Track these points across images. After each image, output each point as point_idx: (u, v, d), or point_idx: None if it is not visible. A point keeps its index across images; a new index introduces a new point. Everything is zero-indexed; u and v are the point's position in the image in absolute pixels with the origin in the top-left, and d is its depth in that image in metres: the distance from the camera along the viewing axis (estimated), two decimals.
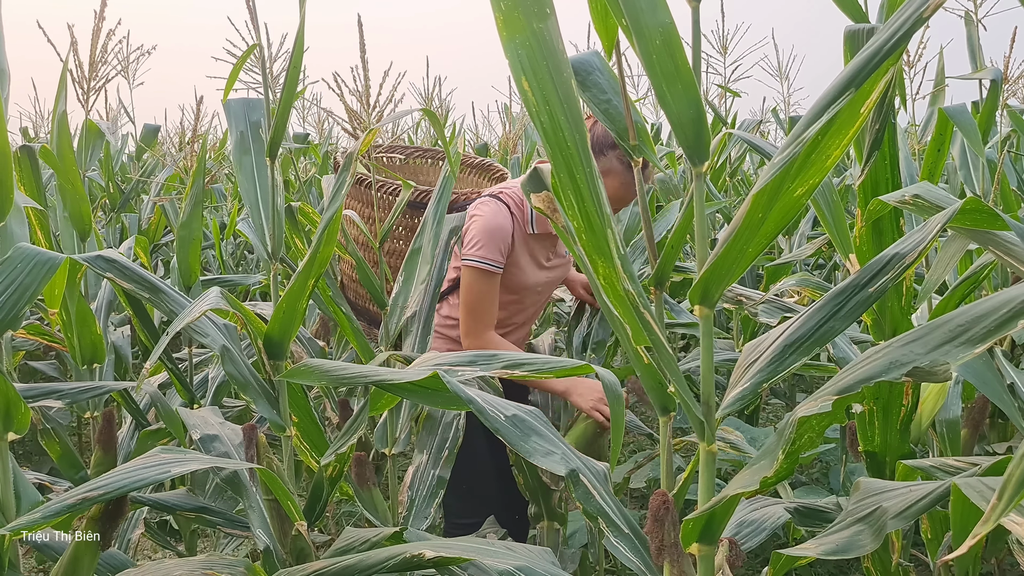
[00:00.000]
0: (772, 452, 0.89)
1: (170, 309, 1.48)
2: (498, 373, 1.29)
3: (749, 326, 3.27)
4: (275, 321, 1.38)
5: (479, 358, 1.36)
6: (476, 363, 1.34)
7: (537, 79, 0.80)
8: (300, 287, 1.36)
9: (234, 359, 1.44)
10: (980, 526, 0.56)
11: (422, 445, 1.84)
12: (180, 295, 1.52)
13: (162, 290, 1.50)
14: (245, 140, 1.57)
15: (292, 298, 1.36)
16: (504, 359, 1.34)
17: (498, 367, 1.32)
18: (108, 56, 2.38)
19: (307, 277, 1.36)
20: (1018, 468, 0.54)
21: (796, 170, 0.82)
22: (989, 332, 0.74)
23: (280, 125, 1.42)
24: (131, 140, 5.12)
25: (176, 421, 2.01)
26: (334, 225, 1.35)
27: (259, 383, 1.45)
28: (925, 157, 2.01)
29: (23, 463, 3.24)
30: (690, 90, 0.87)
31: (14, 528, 1.09)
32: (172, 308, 1.48)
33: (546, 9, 0.79)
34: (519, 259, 2.20)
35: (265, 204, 1.51)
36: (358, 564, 1.12)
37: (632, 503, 3.18)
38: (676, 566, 0.93)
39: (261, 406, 1.43)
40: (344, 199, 1.38)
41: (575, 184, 0.83)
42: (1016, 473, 0.54)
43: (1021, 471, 0.54)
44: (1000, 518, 0.55)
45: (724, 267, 0.89)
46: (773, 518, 1.35)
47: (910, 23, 0.72)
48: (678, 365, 0.93)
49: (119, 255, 1.51)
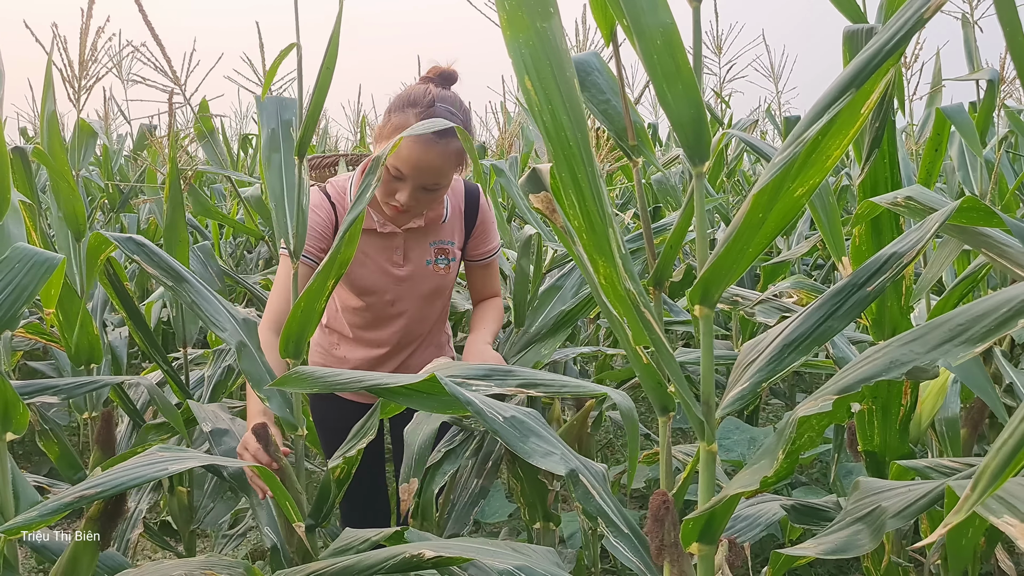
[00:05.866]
0: (772, 452, 0.89)
1: (192, 299, 1.49)
2: (513, 390, 1.30)
3: (748, 326, 3.27)
4: (293, 320, 1.39)
5: (494, 372, 1.36)
6: (491, 378, 1.34)
7: (540, 78, 0.80)
8: (320, 287, 1.37)
9: (251, 355, 1.45)
10: (953, 515, 0.56)
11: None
12: (203, 285, 1.53)
13: (186, 279, 1.51)
14: (275, 138, 1.58)
15: (311, 297, 1.37)
16: (520, 376, 1.34)
17: (513, 384, 1.32)
18: (99, 55, 2.38)
19: (327, 278, 1.37)
20: (994, 460, 0.55)
21: (796, 170, 0.82)
22: (989, 331, 0.74)
23: (310, 125, 1.43)
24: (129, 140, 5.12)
25: (176, 415, 2.01)
26: (356, 227, 1.37)
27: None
28: (923, 157, 2.02)
29: (22, 464, 3.24)
30: (691, 90, 0.87)
31: (11, 527, 1.08)
32: (194, 299, 1.49)
33: (550, 8, 0.79)
34: None
35: (291, 201, 1.52)
36: (357, 564, 1.12)
37: (632, 503, 3.19)
38: (676, 566, 0.93)
39: (275, 404, 1.44)
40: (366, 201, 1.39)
41: (577, 183, 0.83)
42: (992, 465, 0.55)
43: (997, 463, 0.54)
44: (973, 507, 0.55)
45: (724, 267, 0.89)
46: (768, 514, 1.35)
47: (911, 24, 0.73)
48: (679, 364, 0.93)
49: (148, 241, 1.53)
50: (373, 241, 1.94)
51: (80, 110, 2.51)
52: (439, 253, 1.98)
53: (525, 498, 2.03)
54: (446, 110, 1.75)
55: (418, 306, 2.01)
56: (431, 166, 1.75)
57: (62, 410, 3.26)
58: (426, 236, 1.96)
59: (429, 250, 1.97)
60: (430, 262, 1.97)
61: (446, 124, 1.41)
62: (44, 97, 2.31)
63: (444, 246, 1.98)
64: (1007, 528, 0.72)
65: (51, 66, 2.25)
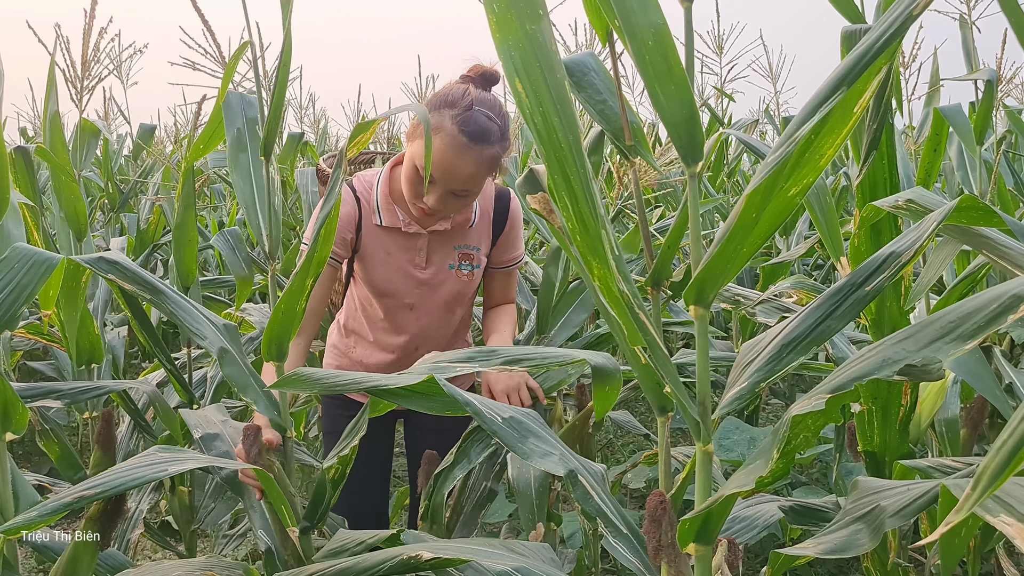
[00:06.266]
0: (767, 451, 0.90)
1: (171, 311, 1.47)
2: (498, 369, 1.30)
3: (748, 326, 3.27)
4: (274, 322, 1.37)
5: (478, 354, 1.36)
6: (475, 359, 1.34)
7: (530, 80, 0.80)
8: (299, 287, 1.35)
9: (233, 361, 1.43)
10: (954, 514, 0.56)
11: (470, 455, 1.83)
12: (180, 296, 1.50)
13: (162, 291, 1.48)
14: (242, 138, 1.54)
15: (290, 299, 1.35)
16: (503, 354, 1.34)
17: (497, 362, 1.32)
18: (100, 55, 2.39)
19: (305, 277, 1.35)
20: (993, 460, 0.55)
21: (790, 169, 0.82)
22: (979, 328, 0.74)
23: (273, 123, 1.40)
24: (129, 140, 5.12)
25: (174, 420, 2.01)
26: (331, 224, 1.35)
27: (260, 384, 1.44)
28: (921, 157, 2.02)
29: (22, 464, 3.24)
30: (683, 90, 0.87)
31: (11, 527, 1.09)
32: (172, 309, 1.47)
33: (539, 11, 0.79)
34: (367, 253, 1.90)
35: (261, 203, 1.49)
36: (355, 566, 1.12)
37: (632, 503, 3.19)
38: (673, 566, 0.93)
39: (262, 407, 1.42)
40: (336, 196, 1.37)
41: (569, 185, 0.83)
42: (992, 465, 0.55)
43: (997, 463, 0.54)
44: (973, 507, 0.55)
45: (719, 267, 0.89)
46: (766, 515, 1.35)
47: (900, 20, 0.73)
48: (674, 365, 0.93)
49: (121, 256, 1.50)
50: (396, 240, 1.88)
51: (82, 110, 2.52)
52: (463, 258, 1.92)
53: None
54: (484, 115, 1.67)
55: (438, 312, 1.95)
56: (463, 172, 1.69)
57: (62, 410, 3.26)
58: (452, 240, 1.90)
59: (453, 254, 1.91)
60: (453, 266, 1.91)
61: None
62: (47, 97, 2.31)
63: (469, 251, 1.92)
64: (1004, 527, 0.72)
65: (54, 66, 2.25)
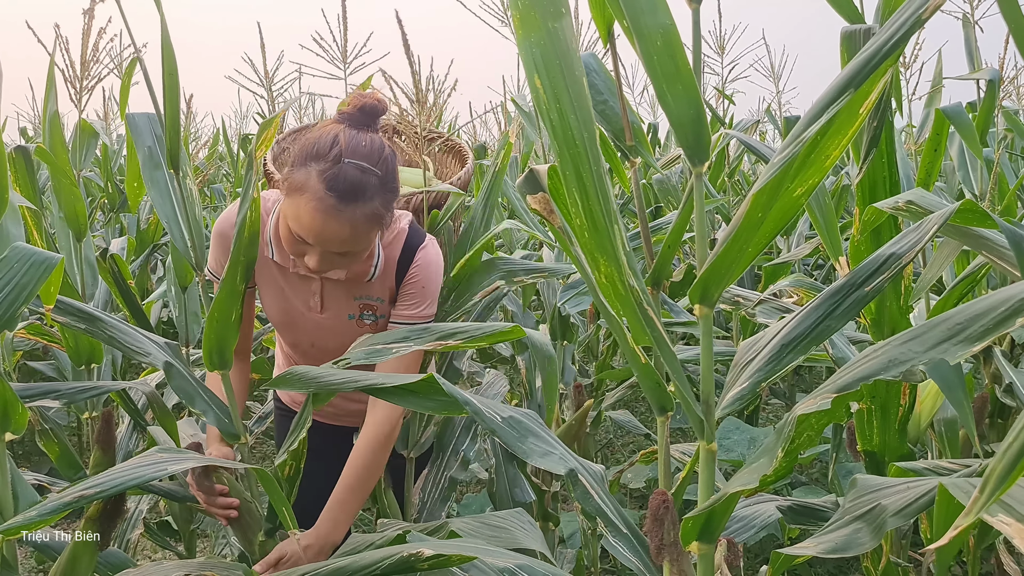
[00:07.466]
0: (771, 450, 0.90)
1: (108, 336, 1.41)
2: (432, 346, 1.31)
3: (748, 326, 3.27)
4: (210, 331, 1.35)
5: (412, 332, 1.36)
6: (409, 338, 1.35)
7: (549, 77, 0.81)
8: (229, 292, 1.34)
9: (179, 374, 1.41)
10: (962, 518, 0.56)
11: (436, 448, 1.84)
12: (122, 323, 1.45)
13: (100, 318, 1.43)
14: (155, 155, 1.53)
15: (222, 306, 1.35)
16: (437, 331, 1.34)
17: (432, 339, 1.33)
18: (100, 55, 2.38)
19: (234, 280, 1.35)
20: (1000, 463, 0.55)
21: (795, 170, 0.82)
22: (987, 330, 0.75)
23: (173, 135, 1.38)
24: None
25: (172, 421, 2.01)
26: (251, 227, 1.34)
27: (208, 395, 1.44)
28: (922, 157, 2.02)
29: (22, 464, 3.24)
30: (690, 91, 0.87)
31: (10, 527, 1.08)
32: (111, 334, 1.42)
33: (561, 9, 0.80)
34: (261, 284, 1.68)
35: (182, 216, 1.50)
36: (351, 564, 1.11)
37: (632, 503, 3.19)
38: (676, 565, 0.93)
39: (211, 417, 1.43)
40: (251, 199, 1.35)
41: (581, 181, 0.83)
42: (998, 468, 0.54)
43: (1004, 465, 0.54)
44: (981, 511, 0.55)
45: (724, 266, 0.89)
46: (764, 515, 1.35)
47: (908, 24, 0.73)
48: (680, 362, 0.93)
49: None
50: (289, 278, 1.64)
51: (82, 110, 2.52)
52: (365, 308, 1.66)
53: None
54: (355, 169, 1.41)
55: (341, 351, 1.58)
56: (338, 236, 1.43)
57: (62, 410, 3.26)
58: (350, 290, 1.64)
59: (353, 305, 1.65)
60: (353, 316, 1.66)
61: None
62: (46, 97, 2.31)
63: (372, 303, 1.65)
64: (1002, 527, 0.72)
65: (53, 66, 2.25)
